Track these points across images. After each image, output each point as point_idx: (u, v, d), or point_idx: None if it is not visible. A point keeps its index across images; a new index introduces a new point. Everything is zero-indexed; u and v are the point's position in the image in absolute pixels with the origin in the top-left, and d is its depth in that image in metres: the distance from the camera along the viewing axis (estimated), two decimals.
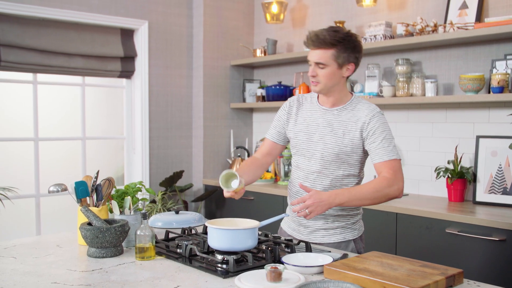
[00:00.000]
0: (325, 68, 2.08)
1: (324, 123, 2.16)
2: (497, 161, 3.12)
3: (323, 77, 2.09)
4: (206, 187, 4.55)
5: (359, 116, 2.11)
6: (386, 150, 2.05)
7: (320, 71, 2.09)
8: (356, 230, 2.22)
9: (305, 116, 2.22)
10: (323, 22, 4.25)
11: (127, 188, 2.19)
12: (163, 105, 4.47)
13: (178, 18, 4.54)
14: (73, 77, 4.09)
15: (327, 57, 2.06)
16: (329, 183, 2.14)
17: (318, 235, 2.19)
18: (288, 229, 2.32)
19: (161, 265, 1.83)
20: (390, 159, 2.05)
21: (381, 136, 2.06)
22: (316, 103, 2.22)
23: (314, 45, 2.07)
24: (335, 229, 2.18)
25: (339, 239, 2.18)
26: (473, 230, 2.74)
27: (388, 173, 2.04)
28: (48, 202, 3.98)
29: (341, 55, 2.07)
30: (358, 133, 2.09)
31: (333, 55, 2.06)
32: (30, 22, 3.75)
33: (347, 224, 2.19)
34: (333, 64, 2.08)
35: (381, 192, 2.01)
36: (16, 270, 1.76)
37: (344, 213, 2.17)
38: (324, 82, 2.10)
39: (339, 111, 2.16)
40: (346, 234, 2.19)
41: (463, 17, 3.30)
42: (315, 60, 2.08)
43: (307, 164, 2.19)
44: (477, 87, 3.12)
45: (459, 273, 1.60)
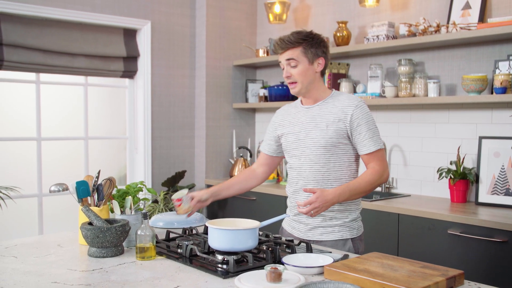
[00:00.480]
0: (297, 65, 2.16)
1: (307, 120, 2.23)
2: (500, 162, 3.11)
3: (298, 75, 2.17)
4: (208, 187, 4.54)
5: (341, 107, 2.17)
6: (372, 140, 2.14)
7: (293, 70, 2.17)
8: (354, 229, 2.24)
9: (290, 119, 2.32)
10: (325, 22, 4.24)
11: (128, 188, 2.20)
12: (166, 105, 4.48)
13: (181, 18, 4.54)
14: (76, 77, 4.10)
15: (297, 53, 2.16)
16: (321, 176, 2.19)
17: (316, 232, 2.22)
18: (288, 228, 2.35)
19: (161, 265, 1.83)
20: (376, 150, 2.14)
21: (366, 127, 2.14)
22: (300, 106, 2.32)
23: (282, 47, 2.18)
24: (333, 227, 2.20)
25: (336, 237, 2.20)
26: (475, 231, 2.73)
27: (377, 164, 2.15)
28: (50, 202, 3.99)
29: (309, 50, 2.17)
30: (342, 123, 2.15)
31: (301, 51, 2.16)
32: (33, 22, 3.76)
33: (345, 222, 2.21)
34: (304, 60, 2.17)
35: (374, 184, 2.14)
36: (16, 270, 1.77)
37: (341, 208, 2.20)
38: (301, 80, 2.18)
39: (320, 106, 2.23)
40: (344, 232, 2.21)
41: (466, 17, 3.29)
42: (286, 58, 2.17)
43: (298, 163, 2.24)
44: (480, 88, 3.11)
45: (459, 274, 1.59)
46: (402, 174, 3.70)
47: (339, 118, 2.15)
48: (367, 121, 2.14)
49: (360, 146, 2.15)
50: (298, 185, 2.24)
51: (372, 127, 2.15)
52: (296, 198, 2.25)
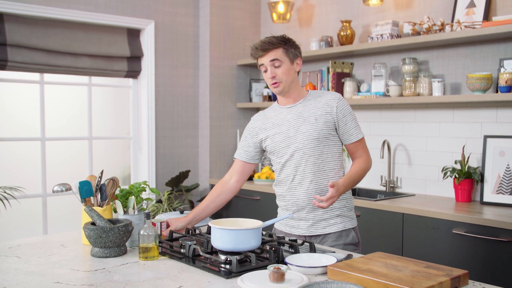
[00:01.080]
0: (281, 65, 2.22)
1: (294, 117, 2.26)
2: (505, 161, 3.09)
3: (282, 74, 2.22)
4: (212, 187, 4.55)
5: (326, 101, 2.25)
6: (356, 129, 2.26)
7: (277, 70, 2.22)
8: (353, 219, 2.31)
9: (273, 121, 2.33)
10: (329, 21, 4.23)
11: (131, 188, 2.19)
12: (170, 105, 4.48)
13: (185, 18, 4.54)
14: (79, 77, 4.11)
15: (279, 54, 2.22)
16: (317, 168, 2.22)
17: (319, 226, 2.24)
18: (285, 228, 2.33)
19: (164, 265, 1.83)
20: (361, 138, 2.27)
21: (350, 117, 2.25)
22: (278, 107, 2.34)
23: (264, 49, 2.22)
24: (335, 218, 2.24)
25: (340, 228, 2.24)
26: (480, 231, 2.71)
27: (364, 152, 2.29)
28: (55, 202, 4.00)
29: (290, 51, 2.24)
30: (329, 115, 2.22)
31: (283, 51, 2.23)
32: (37, 22, 3.77)
33: (344, 212, 2.27)
34: (286, 60, 2.23)
35: (366, 171, 2.27)
36: (19, 270, 1.77)
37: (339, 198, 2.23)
38: (285, 79, 2.23)
39: (303, 103, 2.28)
40: (346, 223, 2.26)
41: (470, 15, 3.27)
42: (271, 58, 2.21)
43: (291, 159, 2.25)
44: (485, 87, 3.09)
45: (464, 274, 1.58)
46: (407, 173, 3.68)
47: (326, 111, 2.22)
48: (350, 112, 2.26)
49: (348, 136, 2.25)
50: (295, 181, 2.25)
51: (354, 118, 2.28)
52: (293, 194, 2.25)
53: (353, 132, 2.25)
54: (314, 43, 4.12)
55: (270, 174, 4.25)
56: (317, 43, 4.12)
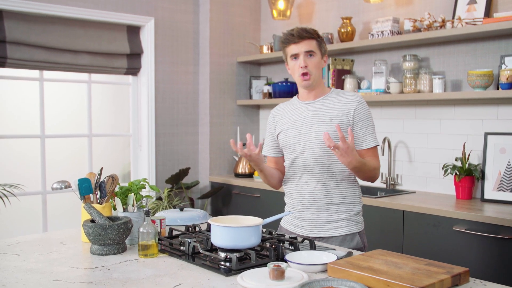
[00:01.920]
0: (314, 56, 2.19)
1: (309, 114, 2.23)
2: (506, 158, 3.08)
3: (313, 67, 2.19)
4: (212, 184, 4.54)
5: (344, 102, 2.20)
6: (372, 136, 2.21)
7: (310, 61, 2.19)
8: (359, 223, 2.25)
9: (290, 115, 2.31)
10: (330, 18, 4.22)
11: (131, 185, 2.19)
12: (169, 102, 4.47)
13: (184, 15, 4.53)
14: (79, 74, 4.09)
15: (314, 45, 2.20)
16: (326, 169, 2.18)
17: (323, 229, 2.20)
18: (290, 227, 2.32)
19: (164, 262, 1.82)
20: (375, 146, 2.21)
21: (367, 122, 2.20)
22: (298, 102, 2.32)
23: (302, 36, 2.17)
24: (340, 221, 2.20)
25: (344, 232, 2.20)
26: (480, 228, 2.71)
27: (373, 159, 2.20)
28: (54, 199, 3.99)
29: (322, 45, 2.23)
30: (345, 118, 2.18)
31: (317, 44, 2.21)
32: (37, 19, 3.75)
33: (350, 216, 2.22)
34: (319, 53, 2.21)
35: (372, 173, 2.17)
36: (18, 267, 1.76)
37: (345, 200, 2.21)
38: (315, 72, 2.20)
39: (322, 101, 2.24)
40: (351, 227, 2.21)
41: (471, 12, 3.26)
42: (306, 49, 2.17)
43: (301, 157, 2.22)
44: (486, 83, 3.08)
45: (465, 271, 1.57)
46: (407, 170, 3.67)
47: (343, 112, 2.18)
48: (368, 118, 2.20)
49: (360, 141, 2.19)
50: (302, 179, 2.23)
51: (372, 124, 2.22)
52: (299, 193, 2.24)
53: (366, 139, 2.19)
54: None
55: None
56: None
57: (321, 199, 2.20)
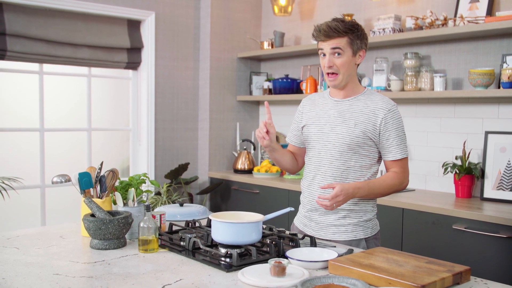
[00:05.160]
0: (342, 55, 2.05)
1: (335, 114, 2.13)
2: (506, 157, 3.08)
3: (341, 66, 2.06)
4: (211, 179, 4.54)
5: (373, 108, 2.08)
6: (399, 148, 2.08)
7: (337, 60, 2.06)
8: (369, 228, 2.15)
9: (317, 110, 2.21)
10: (331, 14, 4.20)
11: (131, 179, 2.18)
12: (169, 97, 4.46)
13: (185, 9, 4.51)
14: (79, 68, 4.08)
15: (343, 43, 2.04)
16: (340, 174, 2.11)
17: (328, 231, 2.14)
18: (299, 225, 2.27)
19: (164, 257, 1.82)
20: (402, 158, 2.09)
21: (395, 133, 2.07)
22: (328, 97, 2.21)
23: (328, 35, 2.04)
24: (346, 226, 2.12)
25: (349, 237, 2.12)
26: (480, 227, 2.71)
27: (400, 170, 2.10)
28: (53, 193, 3.98)
29: (355, 41, 2.06)
30: (371, 125, 2.07)
31: (348, 41, 2.05)
32: (37, 12, 3.74)
33: (359, 222, 2.13)
34: (349, 51, 2.06)
35: (393, 189, 2.10)
36: (18, 261, 1.75)
37: (357, 208, 2.12)
38: (343, 72, 2.07)
39: (351, 102, 2.13)
40: (358, 232, 2.13)
41: (473, 10, 3.25)
42: (332, 46, 2.04)
43: (318, 157, 2.16)
44: (487, 82, 3.08)
45: (466, 270, 1.57)
46: None
47: (369, 119, 2.07)
48: (397, 127, 2.08)
49: (386, 152, 2.10)
50: (315, 180, 2.16)
51: (401, 134, 2.09)
52: (310, 192, 2.18)
53: (392, 150, 2.07)
54: None
55: (270, 167, 4.23)
56: None
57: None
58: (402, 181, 2.10)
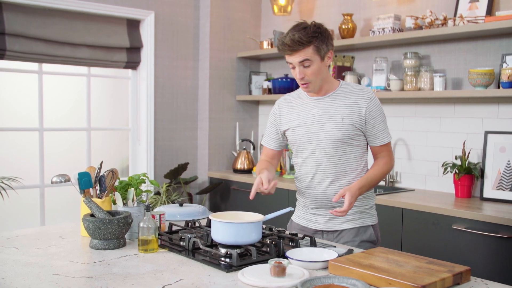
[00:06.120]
0: (311, 65, 2.07)
1: (320, 112, 2.16)
2: (506, 157, 3.08)
3: (312, 75, 2.09)
4: (211, 179, 4.54)
5: (356, 100, 2.14)
6: (385, 132, 2.18)
7: (306, 70, 2.08)
8: (373, 216, 2.25)
9: (299, 111, 2.23)
10: (331, 14, 4.20)
11: (131, 179, 2.18)
12: (169, 97, 4.45)
13: (185, 9, 4.51)
14: (78, 67, 4.07)
15: (310, 53, 2.05)
16: (338, 169, 2.16)
17: (336, 222, 2.19)
18: (302, 221, 2.29)
19: (164, 257, 1.81)
20: (386, 143, 2.19)
21: (379, 119, 2.16)
22: (306, 97, 2.23)
23: (292, 49, 2.05)
24: (353, 214, 2.18)
25: (358, 224, 2.19)
26: (480, 227, 2.71)
27: (387, 155, 2.21)
28: (52, 193, 3.98)
29: (321, 47, 2.07)
30: (357, 116, 2.13)
31: (314, 50, 2.06)
32: (36, 12, 3.73)
33: (365, 209, 2.21)
34: (317, 59, 2.07)
35: (384, 175, 2.19)
36: (17, 261, 1.75)
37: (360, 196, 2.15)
38: (314, 80, 2.11)
39: (332, 97, 2.17)
40: (365, 219, 2.21)
41: (473, 10, 3.25)
42: (299, 60, 2.06)
43: (312, 156, 2.18)
44: (487, 82, 3.08)
45: (466, 270, 1.57)
46: (407, 168, 3.67)
47: (354, 111, 2.12)
48: (380, 114, 2.16)
49: (373, 138, 2.17)
50: (315, 179, 2.18)
51: (384, 119, 2.18)
52: (312, 193, 2.20)
53: (380, 135, 2.16)
54: None
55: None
56: None
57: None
58: (392, 164, 2.22)
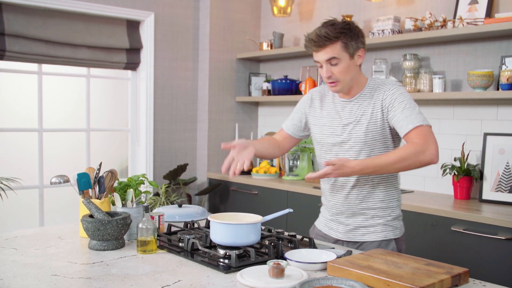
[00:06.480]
0: (339, 63, 1.96)
1: (346, 115, 2.07)
2: (505, 159, 3.08)
3: (339, 73, 1.98)
4: (210, 180, 4.54)
5: (377, 97, 2.02)
6: (409, 118, 1.91)
7: (334, 68, 1.97)
8: (397, 229, 2.12)
9: (328, 110, 2.13)
10: (330, 15, 4.19)
11: (130, 180, 2.18)
12: (168, 98, 4.45)
13: (185, 10, 4.51)
14: (78, 68, 4.08)
15: (337, 50, 1.95)
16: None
17: (357, 233, 2.10)
18: (324, 228, 2.22)
19: (162, 258, 1.81)
20: (415, 126, 1.90)
21: (400, 106, 1.94)
22: (337, 96, 2.13)
23: (318, 45, 1.95)
24: (375, 226, 2.08)
25: (379, 238, 2.08)
26: (479, 229, 2.71)
27: (417, 138, 1.89)
28: (51, 194, 3.98)
29: (349, 44, 1.96)
30: (379, 113, 2.00)
31: (342, 46, 1.95)
32: (36, 12, 3.73)
33: (388, 221, 2.09)
34: (345, 56, 1.97)
35: (409, 160, 1.87)
36: (16, 262, 1.75)
37: (383, 205, 2.08)
38: (343, 79, 1.99)
39: (358, 98, 2.06)
40: (388, 232, 2.09)
41: (472, 12, 3.25)
42: (326, 58, 1.96)
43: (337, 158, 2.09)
44: (486, 84, 3.08)
45: (465, 272, 1.57)
46: None
47: (376, 109, 2.00)
48: (401, 101, 1.95)
49: (398, 128, 1.95)
50: (337, 183, 2.11)
51: (409, 106, 1.94)
52: (334, 196, 2.14)
53: (403, 124, 1.92)
54: None
55: (268, 168, 4.23)
56: None
57: (356, 204, 2.08)
58: (421, 149, 1.86)
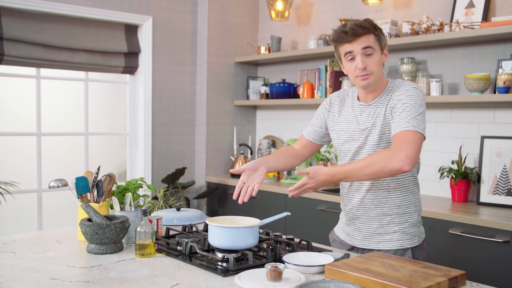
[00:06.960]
0: (373, 54, 1.93)
1: (363, 120, 2.02)
2: (502, 162, 3.10)
3: (373, 65, 1.93)
4: (208, 184, 4.54)
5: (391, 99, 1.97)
6: (401, 122, 1.84)
7: (368, 60, 1.92)
8: (415, 237, 2.05)
9: (347, 114, 2.09)
10: (328, 19, 4.22)
11: (128, 184, 2.18)
12: (166, 102, 4.46)
13: (183, 14, 4.52)
14: (76, 72, 4.09)
15: (372, 41, 1.93)
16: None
17: (372, 241, 2.06)
18: (341, 234, 2.19)
19: (161, 262, 1.82)
20: (402, 130, 1.82)
21: (400, 108, 1.88)
22: (357, 101, 2.08)
23: (357, 33, 1.91)
24: (391, 234, 2.02)
25: (395, 247, 2.02)
26: (476, 231, 2.71)
27: (394, 143, 1.83)
28: (50, 198, 3.98)
29: (381, 38, 1.96)
30: (390, 116, 1.95)
31: (376, 39, 1.94)
32: (34, 17, 3.74)
33: (404, 228, 2.03)
34: (378, 48, 1.94)
35: (376, 166, 1.80)
36: (15, 266, 1.75)
37: (399, 210, 2.02)
38: (376, 72, 1.94)
39: (377, 104, 2.00)
40: (404, 241, 2.02)
41: (469, 16, 3.27)
42: (362, 46, 1.91)
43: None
44: (483, 87, 3.09)
45: (461, 274, 1.57)
46: None
47: (388, 112, 1.96)
48: (403, 103, 1.88)
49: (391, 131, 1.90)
50: (352, 186, 2.08)
51: (410, 110, 1.85)
52: (350, 200, 2.10)
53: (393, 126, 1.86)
54: (312, 42, 4.12)
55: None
56: (315, 41, 4.11)
57: (371, 209, 2.04)
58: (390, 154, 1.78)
